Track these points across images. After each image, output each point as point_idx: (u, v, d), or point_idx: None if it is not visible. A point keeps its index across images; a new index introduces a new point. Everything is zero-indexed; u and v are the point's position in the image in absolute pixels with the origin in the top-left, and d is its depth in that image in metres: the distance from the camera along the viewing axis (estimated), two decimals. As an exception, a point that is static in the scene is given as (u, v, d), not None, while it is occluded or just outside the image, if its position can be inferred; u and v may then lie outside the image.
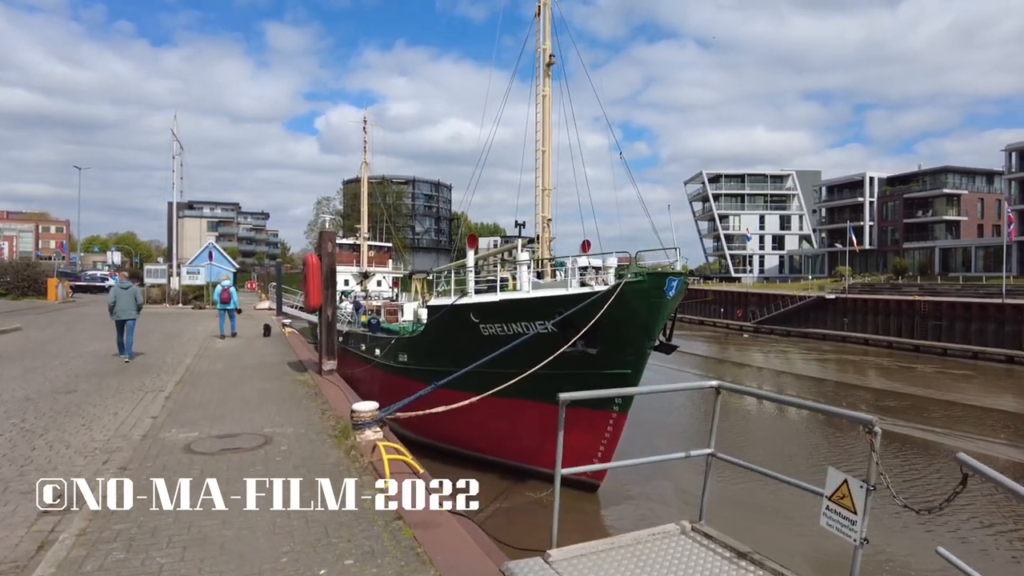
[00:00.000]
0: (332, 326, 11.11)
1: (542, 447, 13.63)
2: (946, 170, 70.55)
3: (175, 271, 36.23)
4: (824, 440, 18.13)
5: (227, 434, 7.32)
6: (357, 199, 73.89)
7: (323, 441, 7.05)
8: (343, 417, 7.86)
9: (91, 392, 9.92)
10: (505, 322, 12.73)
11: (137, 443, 6.80)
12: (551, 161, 15.64)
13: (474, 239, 15.22)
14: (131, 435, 7.16)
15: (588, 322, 11.04)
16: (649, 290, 11.23)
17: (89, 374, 11.67)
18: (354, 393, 10.00)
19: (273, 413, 8.59)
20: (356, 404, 7.06)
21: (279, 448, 6.71)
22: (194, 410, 8.69)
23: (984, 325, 37.90)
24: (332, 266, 10.95)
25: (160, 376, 11.52)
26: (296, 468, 6.01)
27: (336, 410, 8.65)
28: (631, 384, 12.20)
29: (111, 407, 8.81)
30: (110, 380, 11.10)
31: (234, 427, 7.73)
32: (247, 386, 10.54)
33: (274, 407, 8.96)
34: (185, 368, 12.36)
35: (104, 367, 12.66)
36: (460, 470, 14.45)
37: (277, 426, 7.77)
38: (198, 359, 13.83)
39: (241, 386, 10.53)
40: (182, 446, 6.73)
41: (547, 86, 15.66)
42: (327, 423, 7.99)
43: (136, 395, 9.73)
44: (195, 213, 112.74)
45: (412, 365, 15.51)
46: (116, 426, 7.64)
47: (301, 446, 6.82)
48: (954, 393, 25.30)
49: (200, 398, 9.51)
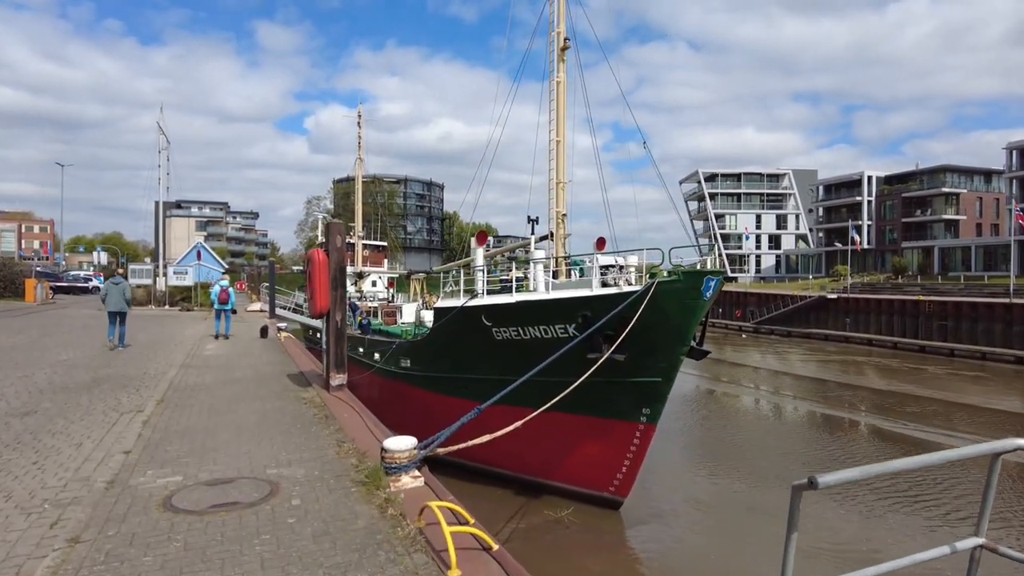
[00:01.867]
0: (341, 334, 9.59)
1: (559, 460, 12.50)
2: (944, 169, 70.15)
3: (161, 271, 34.77)
4: (822, 439, 17.98)
5: (220, 479, 5.74)
6: (348, 198, 73.02)
7: (346, 491, 5.43)
8: (367, 453, 6.42)
9: (54, 414, 8.31)
10: (521, 326, 11.64)
11: (100, 494, 5.25)
12: (565, 152, 14.58)
13: (484, 236, 14.10)
14: (94, 479, 5.60)
15: (617, 326, 10.08)
16: (684, 291, 10.20)
17: (56, 389, 10.08)
18: (372, 415, 8.45)
19: (277, 445, 7.05)
20: (389, 441, 5.53)
21: (289, 502, 5.15)
22: (177, 441, 7.14)
23: (991, 325, 37.22)
24: (341, 263, 9.48)
25: (139, 392, 9.98)
26: (317, 538, 4.49)
27: (355, 440, 7.13)
28: (661, 393, 11.18)
29: (75, 435, 7.23)
30: (80, 397, 9.51)
31: (228, 467, 6.18)
32: (242, 407, 9.00)
33: (277, 436, 7.44)
34: (169, 382, 10.84)
35: (75, 379, 11.03)
36: (466, 484, 13.43)
37: (283, 465, 6.21)
38: (185, 370, 12.27)
39: (235, 406, 8.99)
40: (160, 500, 5.17)
41: (561, 72, 14.57)
42: (347, 460, 6.43)
43: (108, 418, 8.16)
44: (183, 212, 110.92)
45: (416, 371, 14.43)
46: (77, 464, 6.06)
47: (319, 498, 5.27)
48: (973, 396, 24.44)
49: (186, 423, 7.96)
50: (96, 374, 11.53)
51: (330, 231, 9.77)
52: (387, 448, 5.38)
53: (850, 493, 12.44)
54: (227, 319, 19.02)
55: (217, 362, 13.53)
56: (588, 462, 12.10)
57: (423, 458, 5.57)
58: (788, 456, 16.12)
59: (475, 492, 13.23)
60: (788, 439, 17.95)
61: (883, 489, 12.89)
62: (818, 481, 2.04)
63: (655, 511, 12.43)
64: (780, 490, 13.28)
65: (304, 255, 10.81)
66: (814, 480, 2.05)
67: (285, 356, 14.59)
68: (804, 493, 2.21)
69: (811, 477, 2.06)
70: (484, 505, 12.79)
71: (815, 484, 2.04)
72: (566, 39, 14.50)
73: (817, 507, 11.63)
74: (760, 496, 13.08)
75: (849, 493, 12.42)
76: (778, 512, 12.10)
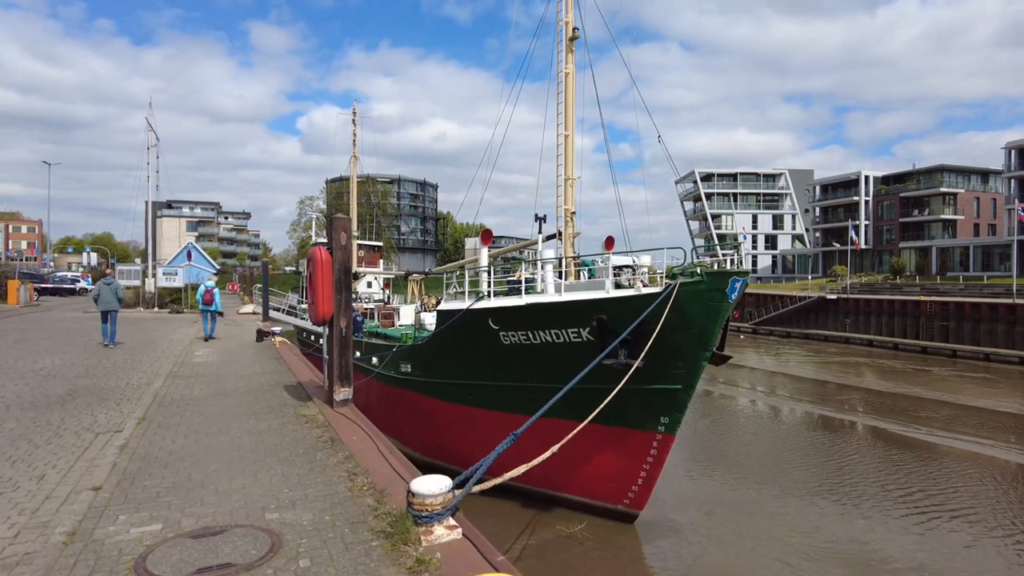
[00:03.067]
0: (347, 343, 8.49)
1: (570, 472, 11.84)
2: (941, 169, 69.99)
3: (151, 271, 33.75)
4: (819, 441, 17.75)
5: (208, 528, 4.65)
6: (341, 198, 72.12)
7: (366, 546, 4.30)
8: (386, 491, 5.33)
9: (17, 436, 7.20)
10: (531, 330, 10.95)
11: (58, 551, 4.17)
12: (574, 148, 13.86)
13: (489, 235, 13.38)
14: (52, 529, 4.53)
15: (634, 330, 9.55)
16: (708, 292, 9.56)
17: (25, 404, 8.96)
18: (385, 439, 7.32)
19: (276, 477, 5.93)
20: (418, 483, 4.40)
21: (296, 564, 4.05)
22: (159, 472, 6.03)
23: (994, 326, 36.95)
24: (347, 263, 8.41)
25: (119, 407, 8.91)
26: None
27: (369, 472, 6.00)
28: (681, 401, 10.54)
29: (39, 464, 6.15)
30: (51, 414, 8.40)
31: (219, 509, 5.06)
32: (235, 426, 7.91)
33: (276, 465, 6.32)
34: (153, 395, 9.76)
35: (48, 392, 9.88)
36: (473, 497, 12.77)
37: (286, 507, 5.10)
38: (171, 380, 11.23)
39: (227, 425, 7.90)
40: (130, 562, 4.05)
41: (569, 63, 13.89)
42: (362, 500, 5.27)
43: (81, 440, 7.07)
44: (174, 212, 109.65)
45: (418, 377, 13.72)
46: (36, 505, 5.01)
47: (332, 558, 4.14)
48: (985, 399, 23.92)
49: (169, 448, 6.87)
50: (73, 385, 10.48)
51: (334, 226, 8.54)
52: (416, 492, 4.31)
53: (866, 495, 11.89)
54: (212, 321, 18.48)
55: (207, 371, 12.50)
56: (602, 473, 11.50)
57: (462, 498, 4.60)
58: (803, 462, 15.52)
59: (477, 504, 12.54)
60: (801, 444, 17.33)
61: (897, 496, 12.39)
62: None
63: (672, 524, 11.83)
64: (799, 498, 12.71)
65: (307, 254, 10.15)
66: None
67: (281, 364, 13.53)
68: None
69: None
70: (490, 521, 12.06)
71: None
72: (575, 29, 13.85)
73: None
74: (779, 504, 12.52)
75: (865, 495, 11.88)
76: (801, 522, 11.52)
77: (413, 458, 14.99)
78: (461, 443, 13.35)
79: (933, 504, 12.56)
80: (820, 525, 11.45)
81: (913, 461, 15.44)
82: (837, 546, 10.59)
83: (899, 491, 13.21)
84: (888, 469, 14.77)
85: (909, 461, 15.42)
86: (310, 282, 8.55)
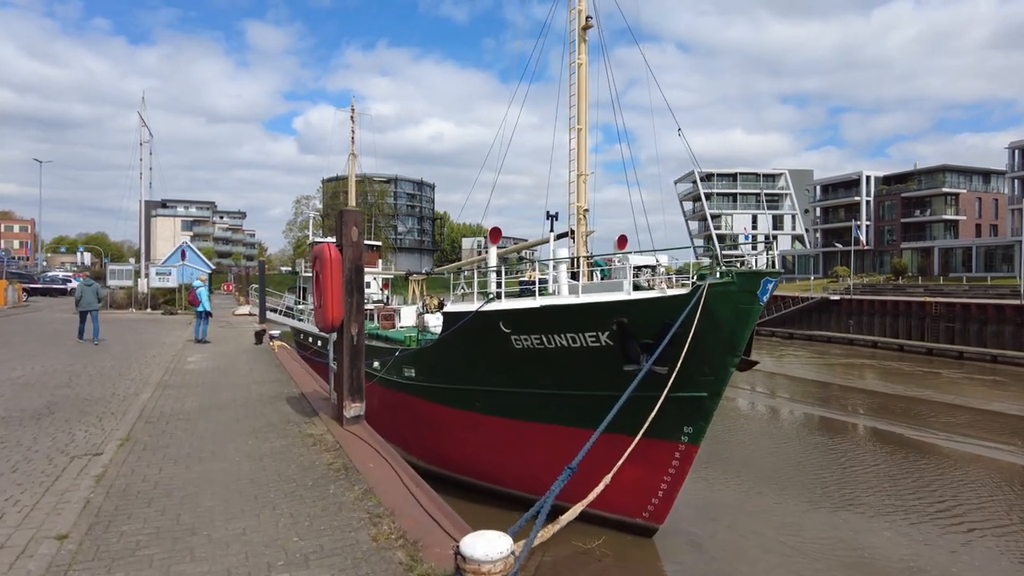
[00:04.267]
0: (358, 352, 7.55)
1: (585, 482, 11.16)
2: (943, 169, 69.58)
3: (143, 271, 32.89)
4: (839, 447, 17.05)
5: None
6: (337, 197, 71.31)
7: None
8: (420, 542, 4.34)
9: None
10: (545, 333, 10.28)
11: None
12: (587, 141, 13.19)
13: (498, 233, 12.68)
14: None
15: (657, 334, 9.19)
16: (738, 294, 8.94)
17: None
18: (408, 468, 6.19)
19: (283, 519, 4.95)
20: (472, 544, 3.51)
21: None
22: (140, 514, 5.01)
23: (1001, 327, 36.47)
24: (359, 261, 7.48)
25: (101, 423, 8.00)
26: None
27: (395, 514, 4.96)
28: (706, 410, 9.90)
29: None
30: (23, 431, 7.46)
31: (214, 568, 4.12)
32: (232, 448, 6.91)
33: (283, 503, 5.32)
34: (140, 409, 8.79)
35: (23, 405, 8.95)
36: (480, 506, 12.09)
37: (297, 564, 4.15)
38: (161, 390, 10.31)
39: (223, 447, 6.93)
40: None
41: (583, 53, 13.22)
42: (391, 554, 4.25)
43: (53, 466, 6.09)
44: (169, 212, 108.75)
45: (422, 382, 13.04)
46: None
47: None
48: (1000, 402, 23.34)
49: (155, 479, 5.86)
50: (52, 396, 9.52)
51: (344, 220, 7.45)
52: (470, 557, 3.40)
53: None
54: (204, 323, 17.87)
55: (200, 379, 11.62)
56: (619, 485, 10.84)
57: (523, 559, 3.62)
58: (823, 469, 14.88)
59: (485, 516, 11.88)
60: (818, 450, 16.69)
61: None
62: None
63: (693, 538, 11.20)
64: (822, 508, 12.10)
65: (312, 251, 9.22)
66: None
67: (280, 371, 12.64)
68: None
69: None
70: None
71: None
72: (588, 17, 13.18)
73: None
74: (800, 514, 11.93)
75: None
76: (828, 534, 10.79)
77: (417, 466, 14.35)
78: (468, 452, 12.74)
79: (973, 519, 11.88)
80: (850, 538, 10.81)
81: (937, 469, 14.80)
82: (877, 565, 9.95)
83: (936, 503, 12.53)
84: (918, 478, 14.09)
85: (932, 469, 14.78)
86: (316, 283, 7.61)
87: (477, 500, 12.46)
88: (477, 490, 12.67)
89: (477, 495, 12.58)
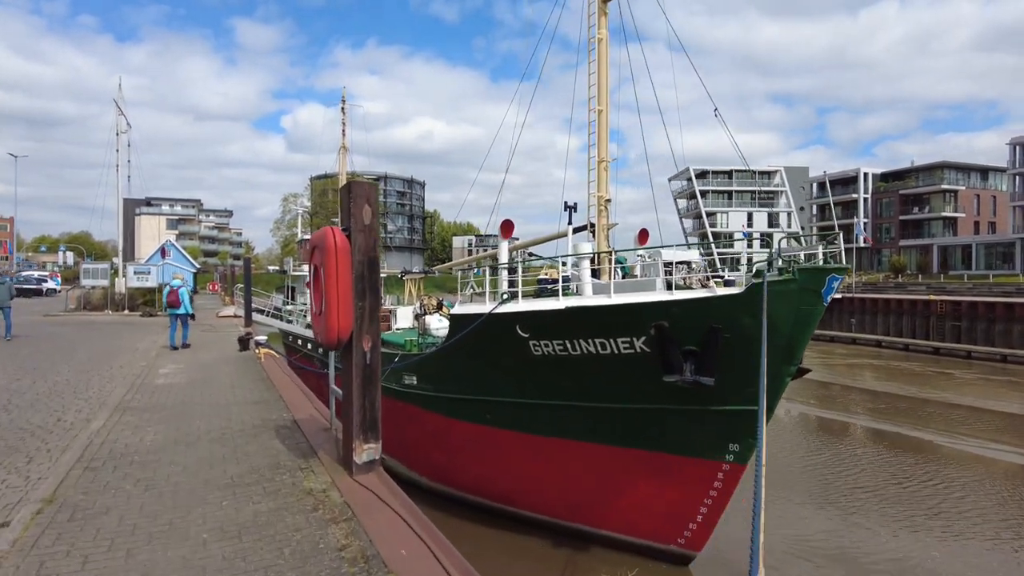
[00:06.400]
0: (373, 375, 5.45)
1: (613, 505, 9.95)
2: (942, 166, 69.07)
3: (121, 271, 31.17)
4: (868, 454, 15.54)
5: None
6: (326, 195, 69.75)
7: None
8: None
9: None
10: (570, 339, 8.97)
11: None
12: (608, 124, 11.86)
13: (510, 226, 11.31)
14: None
15: (702, 340, 8.20)
16: (800, 293, 7.64)
17: None
18: (456, 551, 4.11)
19: None
20: None
21: None
22: None
23: (1010, 326, 35.53)
24: (372, 253, 5.31)
25: (29, 467, 6.10)
26: None
27: None
28: (755, 425, 8.59)
29: None
30: None
31: None
32: (198, 515, 4.81)
33: None
34: (86, 443, 6.78)
35: None
36: (492, 531, 10.79)
37: None
38: (120, 415, 8.30)
39: (185, 516, 4.80)
40: None
41: (603, 27, 11.92)
42: None
43: None
44: (153, 210, 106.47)
45: (426, 391, 11.72)
46: None
47: None
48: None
49: (82, 572, 3.91)
50: None
51: (353, 196, 5.22)
52: None
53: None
54: (184, 326, 16.23)
55: (171, 398, 9.64)
56: (652, 508, 9.66)
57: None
58: (862, 480, 13.66)
59: (493, 542, 10.58)
60: (852, 459, 15.47)
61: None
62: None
63: (733, 568, 9.94)
64: (864, 528, 10.92)
65: (312, 238, 6.43)
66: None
67: (267, 387, 10.74)
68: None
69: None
70: (519, 564, 10.13)
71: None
72: (609, -13, 11.89)
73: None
74: (850, 534, 10.86)
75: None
76: (874, 551, 9.52)
77: (419, 484, 13.03)
78: (476, 468, 11.45)
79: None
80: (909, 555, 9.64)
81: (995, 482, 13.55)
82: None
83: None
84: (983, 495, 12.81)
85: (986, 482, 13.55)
86: (315, 281, 5.57)
87: (486, 522, 11.16)
88: (486, 511, 11.38)
89: (486, 516, 11.29)
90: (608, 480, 10.03)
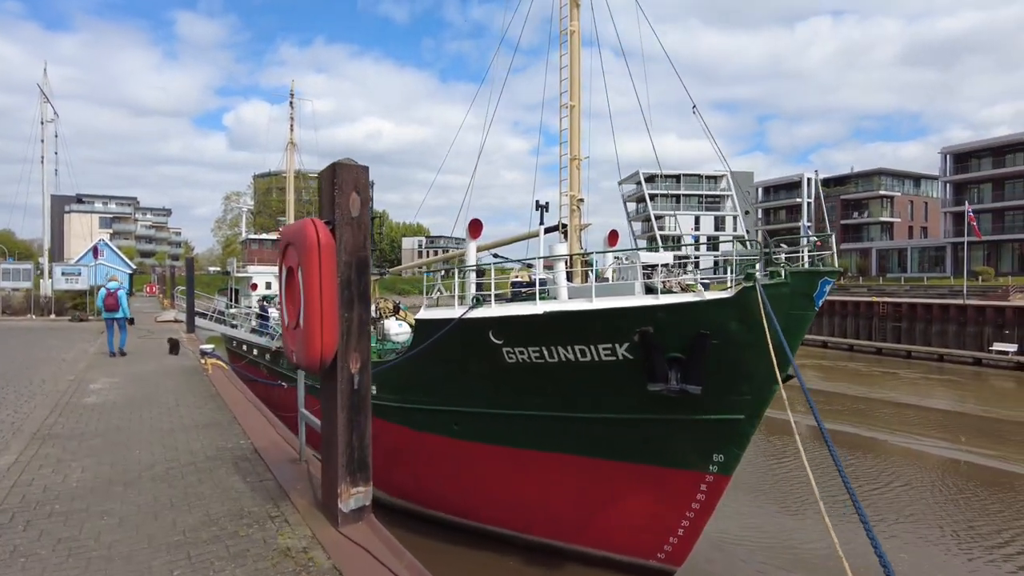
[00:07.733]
0: (363, 402, 4.61)
1: (589, 519, 9.49)
2: (879, 172, 72.12)
3: (47, 272, 28.89)
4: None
5: None
6: (270, 194, 67.39)
7: None
8: None
9: None
10: (546, 345, 8.44)
11: None
12: (580, 120, 11.41)
13: (478, 225, 10.65)
14: None
15: (687, 346, 7.86)
16: (791, 297, 7.32)
17: None
18: None
19: None
20: None
21: None
22: None
23: (945, 327, 37.23)
24: (362, 252, 4.30)
25: None
26: None
27: None
28: (742, 434, 8.29)
29: None
30: None
31: None
32: None
33: None
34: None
35: None
36: (456, 547, 10.19)
37: None
38: (38, 445, 6.91)
39: None
40: None
41: (575, 19, 11.48)
42: None
43: None
44: (85, 208, 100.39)
45: (388, 402, 11.00)
46: None
47: None
48: (968, 404, 23.09)
49: None
50: None
51: (339, 181, 4.13)
52: None
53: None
54: (122, 331, 14.93)
55: (103, 422, 8.12)
56: (631, 522, 9.24)
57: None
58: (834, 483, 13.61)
59: (460, 558, 9.95)
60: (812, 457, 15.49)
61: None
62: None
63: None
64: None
65: (285, 232, 4.96)
66: None
67: (217, 404, 9.37)
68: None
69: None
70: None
71: None
72: (582, -23, 11.44)
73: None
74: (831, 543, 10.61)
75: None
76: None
77: (380, 500, 12.21)
78: (443, 483, 10.78)
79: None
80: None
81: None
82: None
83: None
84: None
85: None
86: (289, 286, 4.53)
87: (450, 538, 10.51)
88: (452, 527, 10.74)
89: (451, 532, 10.65)
90: (584, 493, 9.59)
